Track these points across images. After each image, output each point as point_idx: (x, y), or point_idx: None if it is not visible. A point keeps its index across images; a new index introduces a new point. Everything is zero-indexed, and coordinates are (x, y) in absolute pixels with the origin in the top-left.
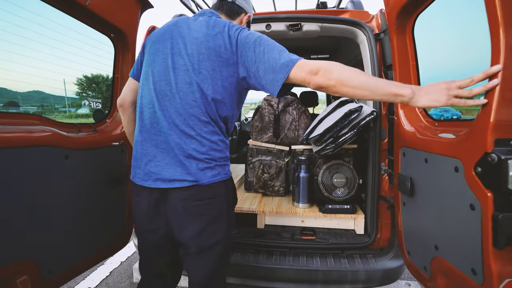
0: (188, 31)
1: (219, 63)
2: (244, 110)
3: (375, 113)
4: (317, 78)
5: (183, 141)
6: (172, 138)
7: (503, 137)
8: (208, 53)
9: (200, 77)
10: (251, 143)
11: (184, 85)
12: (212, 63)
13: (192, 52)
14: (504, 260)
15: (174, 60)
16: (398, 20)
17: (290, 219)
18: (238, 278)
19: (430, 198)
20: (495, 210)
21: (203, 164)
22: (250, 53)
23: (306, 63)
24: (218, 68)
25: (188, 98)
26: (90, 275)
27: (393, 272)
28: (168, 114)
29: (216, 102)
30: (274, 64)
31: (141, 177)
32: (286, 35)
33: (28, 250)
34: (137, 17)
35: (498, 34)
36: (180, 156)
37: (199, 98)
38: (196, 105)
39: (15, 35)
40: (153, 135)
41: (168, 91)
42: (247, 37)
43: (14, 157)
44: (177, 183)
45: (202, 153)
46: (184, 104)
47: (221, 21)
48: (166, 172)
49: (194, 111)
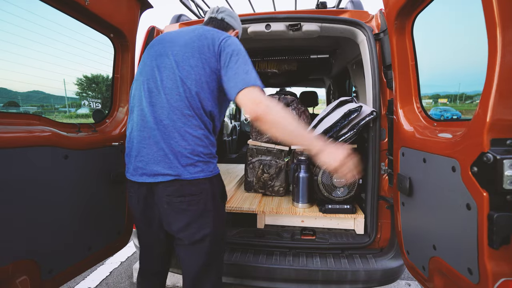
0: (177, 36)
1: (202, 60)
2: (244, 110)
3: (374, 113)
4: (257, 109)
5: (166, 135)
6: (156, 133)
7: (499, 137)
8: (192, 52)
9: (184, 73)
10: (251, 143)
11: (169, 81)
12: (195, 60)
13: (178, 52)
14: (499, 260)
15: (161, 60)
16: (397, 20)
17: (290, 219)
18: (238, 278)
19: (428, 198)
20: (491, 210)
21: (186, 159)
22: (227, 58)
23: (258, 92)
24: (202, 65)
25: (172, 93)
26: (90, 275)
27: (393, 272)
28: (154, 110)
29: (199, 95)
30: (239, 75)
31: (130, 172)
32: (286, 35)
33: (28, 250)
34: (137, 17)
35: (495, 34)
36: (164, 150)
37: (182, 92)
38: (180, 99)
39: (15, 36)
40: (140, 131)
41: (154, 88)
42: (230, 45)
43: (14, 157)
44: (160, 177)
45: (184, 148)
46: (169, 99)
47: (209, 28)
48: (150, 167)
49: (178, 105)
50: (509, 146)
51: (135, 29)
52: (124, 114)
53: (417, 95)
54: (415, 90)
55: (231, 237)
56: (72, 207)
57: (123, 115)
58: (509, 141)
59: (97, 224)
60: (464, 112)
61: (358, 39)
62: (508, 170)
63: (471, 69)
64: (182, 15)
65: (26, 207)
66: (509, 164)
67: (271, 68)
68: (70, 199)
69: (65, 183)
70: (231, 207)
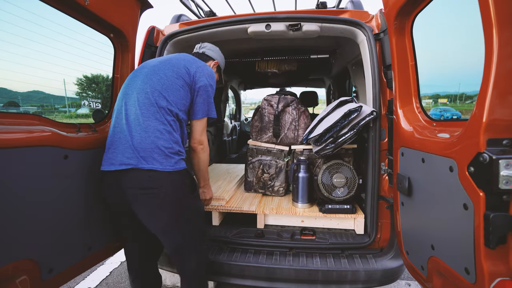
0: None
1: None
2: (244, 110)
3: (374, 113)
4: (201, 139)
5: (133, 128)
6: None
7: (495, 137)
8: (171, 69)
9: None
10: (251, 143)
11: (142, 85)
12: (170, 72)
13: (156, 65)
14: (495, 260)
15: (140, 71)
16: (397, 20)
17: (290, 219)
18: (238, 278)
19: (426, 198)
20: (487, 210)
21: (144, 152)
22: (195, 91)
23: (204, 128)
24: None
25: (144, 91)
26: (90, 275)
27: (393, 272)
28: (129, 109)
29: (166, 98)
30: (202, 105)
31: None
32: (286, 35)
33: (28, 250)
34: (137, 17)
35: (491, 34)
36: (131, 142)
37: (149, 92)
38: (147, 97)
39: (15, 36)
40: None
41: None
42: (201, 79)
43: (14, 157)
44: (123, 166)
45: (144, 138)
46: (140, 98)
47: (190, 57)
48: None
49: (145, 102)
50: (505, 146)
51: (135, 29)
52: None
53: (416, 95)
54: (414, 90)
55: (231, 237)
56: (72, 207)
57: None
58: (505, 141)
59: (97, 224)
60: (464, 112)
61: (358, 39)
62: (504, 170)
63: (471, 69)
64: (182, 15)
65: (26, 207)
66: (505, 164)
67: (271, 68)
68: (70, 199)
69: (65, 183)
70: (231, 207)
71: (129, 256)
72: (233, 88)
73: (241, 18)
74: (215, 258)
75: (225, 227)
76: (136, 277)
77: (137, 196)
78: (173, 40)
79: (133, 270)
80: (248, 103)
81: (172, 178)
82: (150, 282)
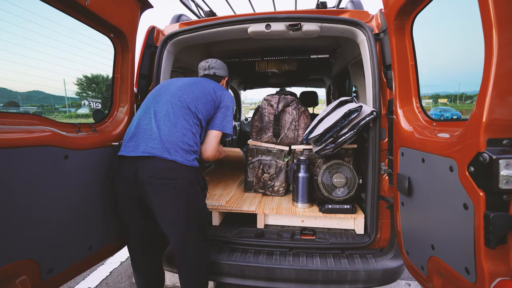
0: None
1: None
2: (244, 110)
3: (374, 113)
4: (215, 153)
5: (161, 122)
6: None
7: (495, 137)
8: (202, 87)
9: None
10: (251, 143)
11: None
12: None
13: (188, 82)
14: (495, 260)
15: (173, 83)
16: (397, 20)
17: (290, 219)
18: (238, 278)
19: (426, 198)
20: (487, 210)
21: (170, 144)
22: (218, 108)
23: (217, 142)
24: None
25: (178, 96)
26: (90, 275)
27: (393, 272)
28: (160, 107)
29: (196, 106)
30: (221, 120)
31: None
32: (286, 35)
33: (28, 250)
34: (137, 17)
35: (491, 34)
36: (157, 133)
37: (183, 97)
38: (180, 100)
39: (15, 35)
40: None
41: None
42: (225, 100)
43: (14, 157)
44: (146, 153)
45: (173, 133)
46: (174, 100)
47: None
48: None
49: (178, 104)
50: (505, 146)
51: (135, 29)
52: (124, 114)
53: (416, 95)
54: (414, 90)
55: (231, 237)
56: (72, 207)
57: (123, 115)
58: (505, 141)
59: (97, 224)
60: (464, 112)
61: (358, 39)
62: (504, 170)
63: (471, 69)
64: (182, 15)
65: (26, 207)
66: (505, 164)
67: (271, 68)
68: (70, 199)
69: (65, 183)
70: (231, 207)
71: (133, 253)
72: (233, 88)
73: (241, 18)
74: (215, 258)
75: (225, 227)
76: (140, 273)
77: (155, 185)
78: (173, 40)
79: (137, 266)
80: (248, 103)
81: (189, 172)
82: (155, 277)
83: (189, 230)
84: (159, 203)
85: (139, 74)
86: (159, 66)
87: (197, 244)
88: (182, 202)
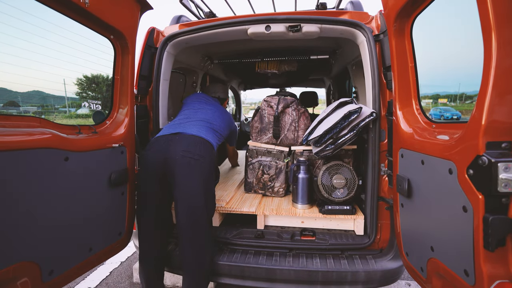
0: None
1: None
2: (244, 111)
3: (374, 114)
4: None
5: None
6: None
7: (494, 140)
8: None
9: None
10: (251, 144)
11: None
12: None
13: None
14: (494, 262)
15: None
16: (397, 22)
17: (290, 220)
18: (238, 279)
19: (426, 199)
20: (486, 212)
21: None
22: (230, 127)
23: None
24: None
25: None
26: (90, 275)
27: (393, 273)
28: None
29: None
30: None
31: None
32: (286, 36)
33: (29, 252)
34: (137, 19)
35: (490, 36)
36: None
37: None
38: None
39: (15, 37)
40: None
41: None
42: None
43: (14, 159)
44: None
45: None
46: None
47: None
48: None
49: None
50: (504, 149)
51: (135, 30)
52: (124, 115)
53: (416, 96)
54: (414, 92)
55: (231, 238)
56: (73, 209)
57: (123, 117)
58: (504, 144)
59: (97, 225)
60: (464, 112)
61: (358, 40)
62: (503, 173)
63: (471, 69)
64: (182, 16)
65: (27, 209)
66: (504, 167)
67: (271, 69)
68: (71, 201)
69: (65, 184)
70: (231, 208)
71: (145, 242)
72: (233, 88)
73: (241, 19)
74: (215, 259)
75: (225, 228)
76: (148, 256)
77: (188, 159)
78: (173, 41)
79: (147, 247)
80: (248, 103)
81: (212, 156)
82: (160, 264)
83: (205, 203)
84: (184, 174)
85: (139, 75)
86: (159, 67)
87: (207, 226)
88: (205, 176)
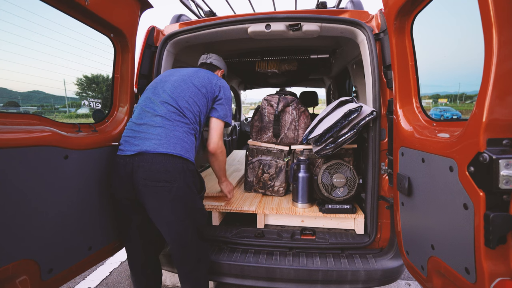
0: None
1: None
2: (244, 110)
3: (374, 113)
4: (219, 142)
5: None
6: None
7: (495, 136)
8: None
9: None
10: (251, 143)
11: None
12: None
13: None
14: (495, 260)
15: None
16: (397, 20)
17: (290, 219)
18: (238, 278)
19: (426, 198)
20: (487, 210)
21: None
22: (211, 94)
23: (222, 132)
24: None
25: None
26: (90, 275)
27: (393, 272)
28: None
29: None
30: (224, 111)
31: None
32: (286, 35)
33: (28, 250)
34: (137, 17)
35: (491, 34)
36: None
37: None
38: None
39: (15, 35)
40: None
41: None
42: (221, 89)
43: (14, 157)
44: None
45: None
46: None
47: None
48: None
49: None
50: (505, 146)
51: (135, 29)
52: (124, 114)
53: (416, 95)
54: (414, 90)
55: (231, 237)
56: (72, 207)
57: (123, 115)
58: (505, 141)
59: (97, 224)
60: (464, 112)
61: (358, 39)
62: (504, 170)
63: (471, 69)
64: (182, 15)
65: (26, 207)
66: (505, 164)
67: (271, 68)
68: (70, 199)
69: (65, 183)
70: (231, 207)
71: (131, 253)
72: (233, 88)
73: (241, 18)
74: (215, 258)
75: (225, 227)
76: (138, 273)
77: (153, 188)
78: (173, 40)
79: (135, 264)
80: (248, 103)
81: (186, 172)
82: (153, 277)
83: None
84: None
85: (139, 74)
86: (159, 66)
87: (197, 240)
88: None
